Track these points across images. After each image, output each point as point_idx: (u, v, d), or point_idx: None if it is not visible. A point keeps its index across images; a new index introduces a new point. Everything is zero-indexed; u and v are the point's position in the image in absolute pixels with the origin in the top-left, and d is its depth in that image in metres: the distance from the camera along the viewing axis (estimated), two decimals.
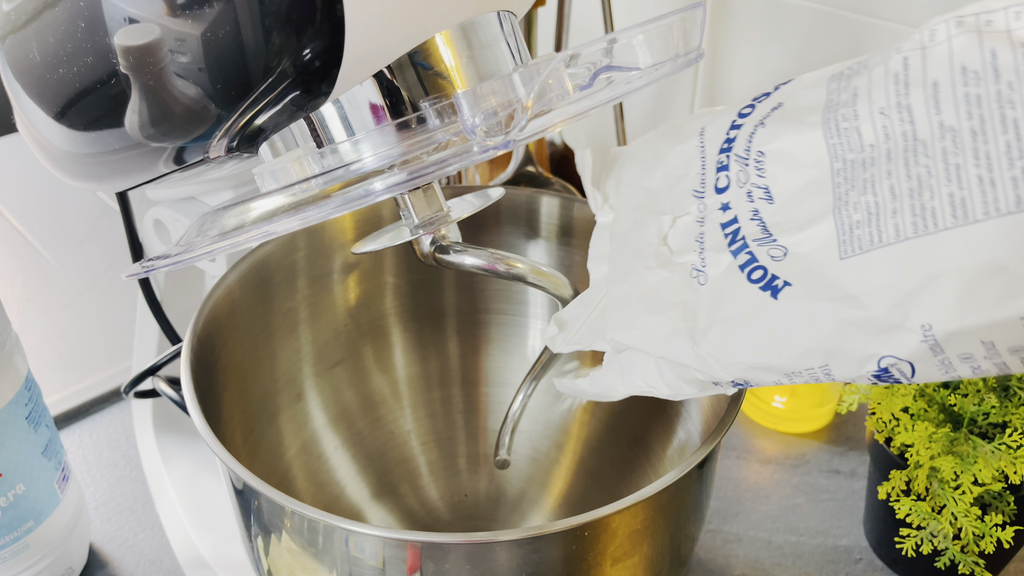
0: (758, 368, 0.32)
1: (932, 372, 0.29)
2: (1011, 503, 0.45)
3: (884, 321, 0.28)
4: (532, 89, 0.27)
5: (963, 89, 0.26)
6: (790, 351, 0.31)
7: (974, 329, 0.26)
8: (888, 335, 0.28)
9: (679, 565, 0.41)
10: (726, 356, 0.33)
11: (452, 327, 0.59)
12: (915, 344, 0.28)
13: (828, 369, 0.31)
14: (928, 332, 0.27)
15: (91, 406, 0.67)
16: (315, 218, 0.29)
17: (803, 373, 0.31)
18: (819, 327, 0.30)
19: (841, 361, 0.30)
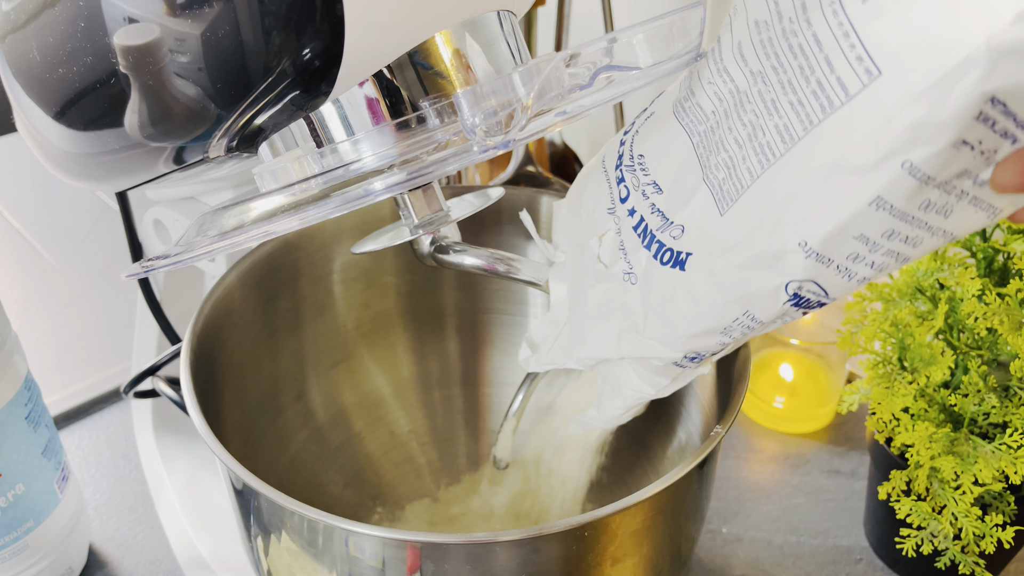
0: (695, 336, 0.35)
1: (837, 282, 0.31)
2: (1011, 503, 0.45)
3: (770, 253, 0.31)
4: (532, 89, 0.27)
5: (758, 37, 0.30)
6: (711, 311, 0.34)
7: (841, 230, 0.29)
8: (779, 263, 0.31)
9: (679, 565, 0.41)
10: (667, 336, 0.36)
11: (452, 327, 0.59)
12: (803, 262, 0.31)
13: (752, 314, 0.33)
14: (806, 247, 0.30)
15: (91, 406, 0.67)
16: (315, 218, 0.29)
17: (735, 328, 0.34)
18: (725, 280, 0.33)
19: (757, 303, 0.33)
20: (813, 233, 0.30)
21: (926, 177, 0.27)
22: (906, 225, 0.29)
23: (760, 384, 0.64)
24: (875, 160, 0.28)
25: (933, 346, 0.46)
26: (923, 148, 0.27)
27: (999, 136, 0.26)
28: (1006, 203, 0.29)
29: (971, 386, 0.45)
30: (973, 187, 0.28)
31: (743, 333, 0.35)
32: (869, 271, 0.31)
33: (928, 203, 0.28)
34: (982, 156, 0.27)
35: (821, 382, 0.63)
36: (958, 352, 0.46)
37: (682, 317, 0.36)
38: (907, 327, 0.47)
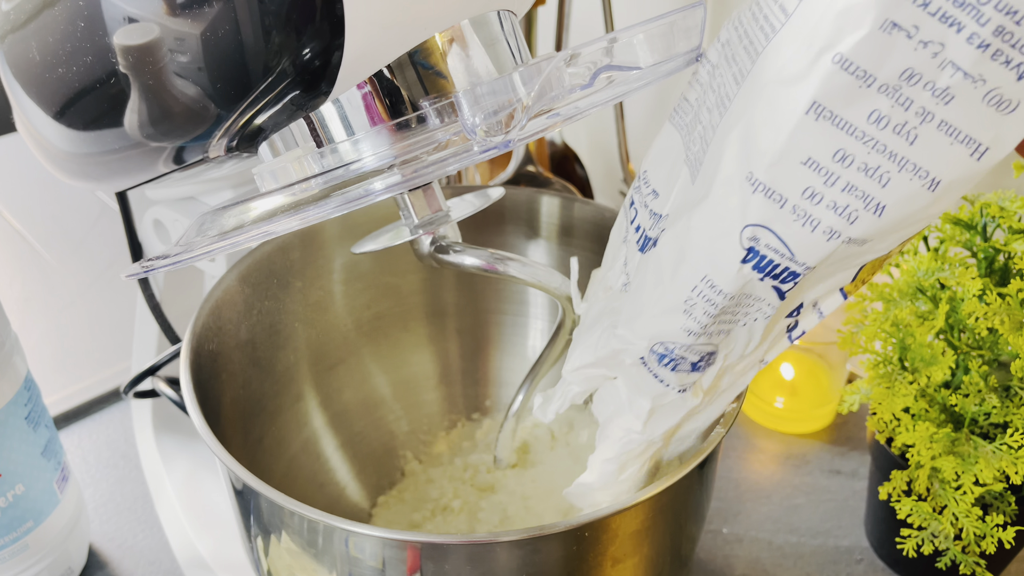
0: (658, 315, 0.34)
1: (799, 233, 0.29)
2: (1012, 503, 0.45)
3: (726, 201, 0.30)
4: (532, 89, 0.27)
5: (721, 49, 0.32)
6: (672, 280, 0.33)
7: (784, 151, 0.28)
8: (735, 209, 0.30)
9: (680, 566, 0.41)
10: (634, 320, 0.35)
11: (452, 327, 0.59)
12: (752, 200, 0.29)
13: (711, 280, 0.32)
14: (753, 180, 0.29)
15: (90, 406, 0.66)
16: (315, 218, 0.29)
17: (697, 302, 0.32)
18: (685, 241, 0.32)
19: (715, 263, 0.31)
20: (758, 161, 0.29)
21: (863, 73, 0.26)
22: (859, 145, 0.27)
23: (761, 384, 0.64)
24: (809, 62, 0.27)
25: (934, 346, 0.46)
26: (851, 35, 0.26)
27: (938, 20, 0.25)
28: (990, 137, 0.27)
29: (972, 386, 0.45)
30: (936, 104, 0.26)
31: (705, 313, 0.33)
32: (833, 217, 0.28)
33: (879, 116, 0.27)
34: (927, 51, 0.25)
35: (822, 382, 0.63)
36: (959, 352, 0.46)
37: (648, 295, 0.34)
38: (908, 327, 0.47)
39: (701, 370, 0.36)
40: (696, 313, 0.33)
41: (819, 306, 0.34)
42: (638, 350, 0.35)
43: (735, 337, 0.35)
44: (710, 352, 0.35)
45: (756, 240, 0.30)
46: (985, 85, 0.26)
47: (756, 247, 0.30)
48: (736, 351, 0.35)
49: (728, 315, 0.33)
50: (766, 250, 0.30)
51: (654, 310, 0.34)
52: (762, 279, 0.31)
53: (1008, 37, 0.25)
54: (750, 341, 0.35)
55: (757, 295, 0.32)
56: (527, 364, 0.57)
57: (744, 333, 0.35)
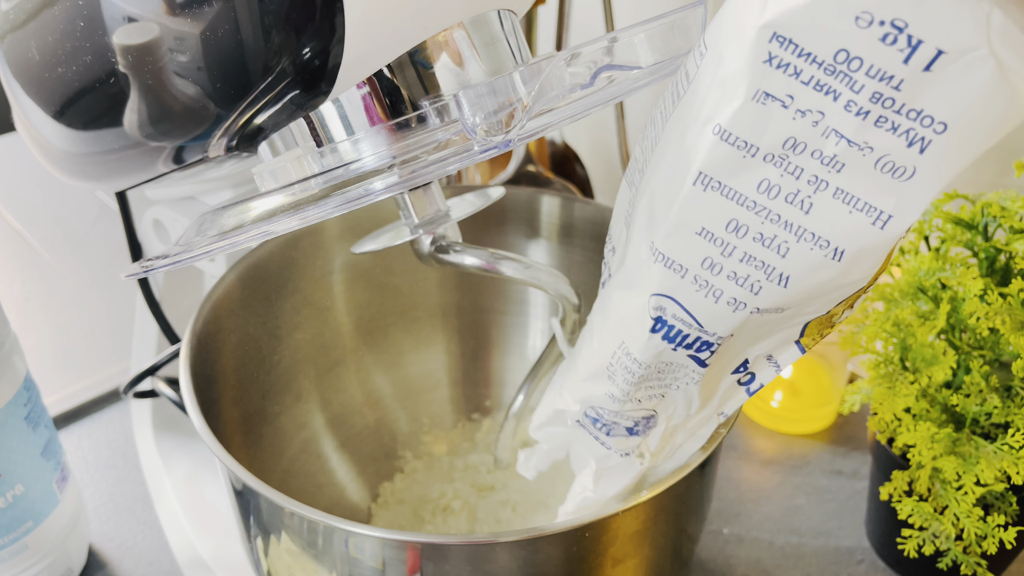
0: (587, 378, 0.34)
1: (702, 303, 0.28)
2: (1013, 504, 0.45)
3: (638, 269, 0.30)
4: (533, 88, 0.27)
5: (658, 108, 0.31)
6: (598, 342, 0.33)
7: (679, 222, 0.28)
8: (644, 278, 0.30)
9: (680, 566, 0.41)
10: (569, 379, 0.36)
11: (452, 327, 0.59)
12: (655, 269, 0.29)
13: (627, 348, 0.31)
14: (654, 249, 0.29)
15: (90, 406, 0.66)
16: (314, 218, 0.29)
17: (617, 368, 0.32)
18: (608, 304, 0.32)
19: (629, 329, 0.31)
20: (658, 230, 0.28)
21: (743, 143, 0.26)
22: (751, 215, 0.26)
23: None
24: (696, 132, 0.26)
25: (935, 346, 0.46)
26: (727, 105, 0.25)
27: (812, 89, 0.24)
28: (891, 205, 0.25)
29: (973, 386, 0.44)
30: (827, 172, 0.25)
31: (625, 380, 0.32)
32: (735, 287, 0.28)
33: (768, 185, 0.26)
34: (806, 120, 0.25)
35: (822, 382, 0.63)
36: (960, 352, 0.46)
37: (582, 357, 0.34)
38: (909, 327, 0.47)
39: (640, 434, 0.36)
40: (617, 380, 0.33)
41: (775, 359, 0.33)
42: (575, 412, 0.36)
43: (672, 400, 0.34)
44: (646, 416, 0.35)
45: (663, 310, 0.29)
46: (873, 152, 0.25)
47: (663, 316, 0.29)
48: (679, 412, 0.35)
49: (654, 381, 0.32)
50: (673, 320, 0.29)
51: (584, 373, 0.34)
52: (675, 349, 0.30)
53: (888, 103, 0.24)
54: (691, 403, 0.34)
55: (676, 363, 0.31)
56: (527, 364, 0.57)
57: (681, 396, 0.34)
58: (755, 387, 0.34)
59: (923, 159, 0.25)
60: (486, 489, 0.54)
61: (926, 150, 0.24)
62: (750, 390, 0.35)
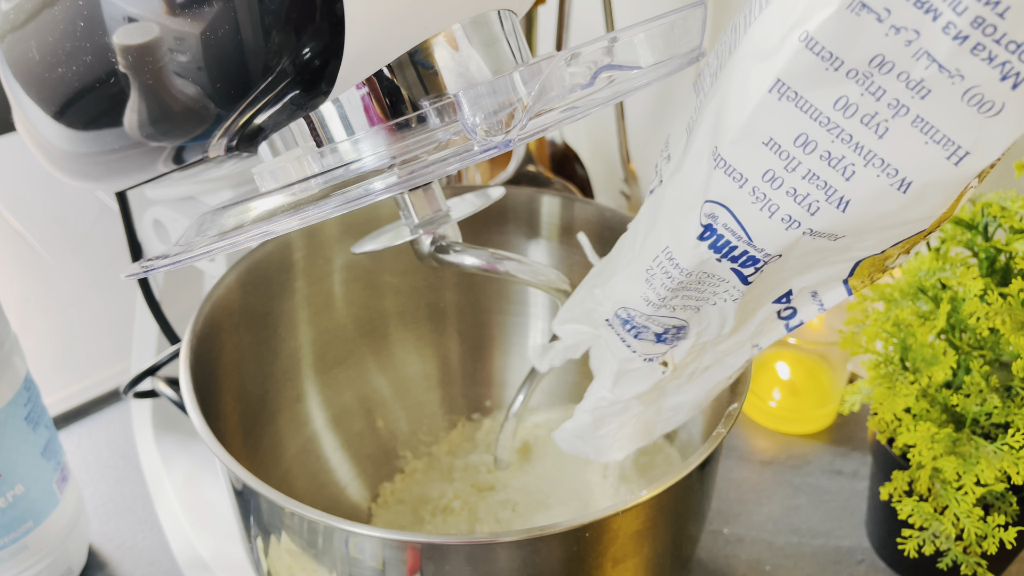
0: (625, 281, 0.33)
1: (756, 216, 0.27)
2: (1014, 504, 0.45)
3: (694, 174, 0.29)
4: (533, 88, 0.27)
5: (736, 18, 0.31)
6: (642, 250, 0.32)
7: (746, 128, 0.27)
8: (699, 183, 0.29)
9: (680, 566, 0.41)
10: (608, 284, 0.35)
11: (452, 327, 0.59)
12: (714, 176, 0.28)
13: (671, 254, 0.30)
14: (716, 155, 0.28)
15: (90, 406, 0.66)
16: (314, 218, 0.29)
17: (656, 272, 0.31)
18: (659, 210, 0.31)
19: (676, 235, 0.30)
20: (724, 136, 0.27)
21: (829, 55, 0.24)
22: (822, 132, 0.26)
23: (761, 384, 0.64)
24: (780, 38, 0.25)
25: (935, 346, 0.46)
26: (819, 12, 0.24)
27: (912, 5, 0.23)
28: (971, 141, 0.24)
29: (973, 386, 0.44)
30: (910, 97, 0.24)
31: (663, 285, 0.31)
32: (792, 204, 0.27)
33: (846, 103, 0.25)
34: (899, 37, 0.24)
35: (823, 382, 0.63)
36: (960, 352, 0.46)
37: (622, 259, 0.34)
38: (909, 327, 0.47)
39: (668, 343, 0.35)
40: (655, 284, 0.31)
41: (819, 297, 0.32)
42: (605, 312, 0.35)
43: (706, 315, 0.33)
44: (677, 326, 0.34)
45: (714, 218, 0.28)
46: (963, 82, 0.24)
47: (714, 225, 0.28)
48: (711, 330, 0.34)
49: (692, 291, 0.32)
50: (723, 230, 0.28)
51: (622, 274, 0.33)
52: (719, 260, 0.29)
53: (989, 30, 0.23)
54: (724, 322, 0.33)
55: (718, 275, 0.31)
56: (527, 364, 0.57)
57: (716, 313, 0.33)
58: (795, 323, 0.33)
59: (1014, 96, 0.23)
60: (486, 489, 0.54)
61: (1019, 86, 0.23)
62: (789, 325, 0.34)
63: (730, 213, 0.28)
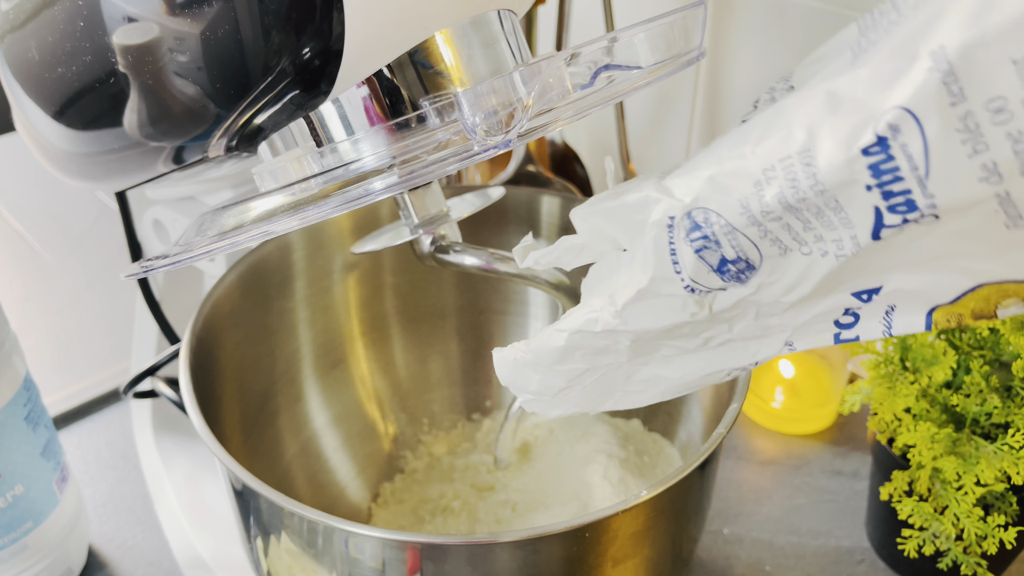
0: (722, 176, 0.26)
1: (950, 144, 0.22)
2: (1014, 504, 0.45)
3: (888, 65, 0.22)
4: (533, 88, 0.27)
5: None
6: (760, 144, 0.26)
7: (1001, 35, 0.20)
8: (891, 82, 0.22)
9: (680, 566, 0.41)
10: (690, 173, 0.28)
11: (452, 327, 0.59)
12: (921, 78, 0.21)
13: (811, 157, 0.24)
14: (939, 56, 0.21)
15: (90, 407, 0.66)
16: (314, 218, 0.29)
17: (779, 175, 0.25)
18: (806, 103, 0.25)
19: (830, 137, 0.24)
20: (959, 34, 0.21)
21: None
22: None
23: (761, 384, 0.64)
24: None
25: (935, 346, 0.46)
26: None
27: None
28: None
29: (973, 386, 0.44)
30: None
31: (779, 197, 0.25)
32: (1008, 151, 0.22)
33: None
34: None
35: (823, 382, 0.63)
36: (960, 352, 0.46)
37: (720, 151, 0.28)
38: None
39: (725, 278, 0.28)
40: (769, 191, 0.25)
41: (891, 315, 0.27)
42: (674, 205, 0.28)
43: (789, 264, 0.27)
44: (749, 262, 0.27)
45: (895, 131, 0.22)
46: None
47: (889, 141, 0.22)
48: (778, 287, 0.28)
49: (799, 222, 0.26)
50: (898, 151, 0.22)
51: (719, 167, 0.26)
52: (869, 188, 0.23)
53: None
54: (801, 283, 0.27)
55: (847, 213, 0.25)
56: None
57: (800, 266, 0.27)
58: (848, 335, 0.28)
59: None
60: (486, 489, 0.54)
61: None
62: (840, 336, 0.29)
63: (920, 133, 0.22)
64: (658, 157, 0.75)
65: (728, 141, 0.27)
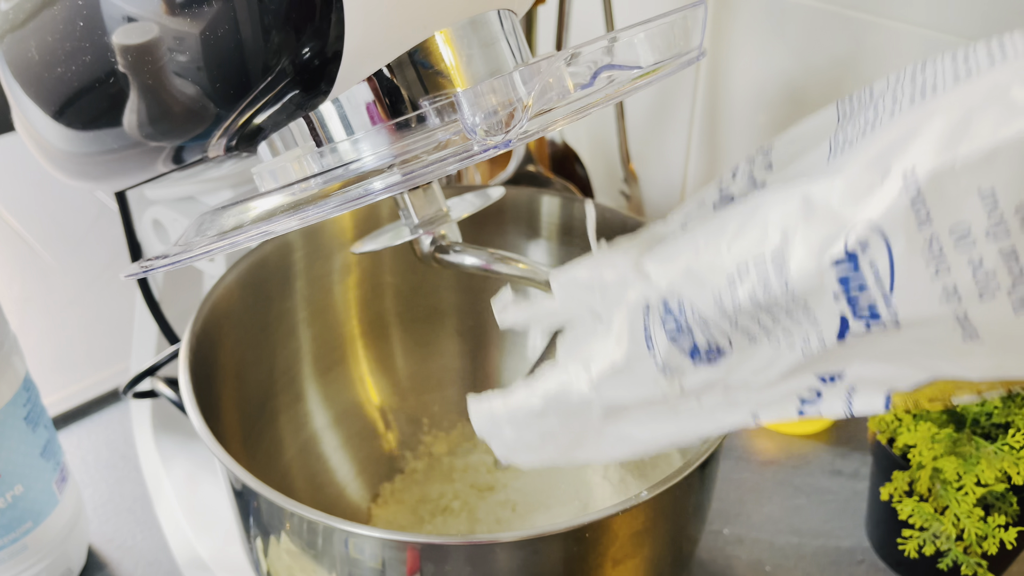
0: (698, 270, 0.27)
1: (915, 265, 0.23)
2: (1014, 504, 0.45)
3: (862, 180, 0.24)
4: (533, 88, 0.27)
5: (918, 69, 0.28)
6: (736, 241, 0.26)
7: (969, 166, 0.22)
8: (864, 196, 0.23)
9: (680, 567, 0.41)
10: (667, 262, 0.29)
11: (452, 327, 0.59)
12: (892, 198, 0.22)
13: (783, 260, 0.25)
14: (910, 177, 0.22)
15: (90, 407, 0.66)
16: (314, 218, 0.29)
17: (752, 274, 0.26)
18: (781, 205, 0.26)
19: (802, 245, 0.25)
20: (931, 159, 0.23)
21: None
22: None
23: None
24: None
25: None
26: None
27: None
28: None
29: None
30: None
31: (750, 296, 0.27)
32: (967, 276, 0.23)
33: None
34: None
35: None
36: None
37: (698, 242, 0.29)
38: None
39: (696, 362, 0.29)
40: (742, 288, 0.26)
41: (852, 397, 0.28)
42: (649, 293, 0.29)
43: (755, 353, 0.29)
44: (718, 349, 0.29)
45: (864, 247, 0.23)
46: None
47: (859, 256, 0.23)
48: (744, 371, 0.29)
49: (768, 318, 0.27)
50: (866, 266, 0.23)
51: (695, 260, 0.28)
52: (837, 296, 0.25)
53: None
54: (768, 368, 0.29)
55: (815, 314, 0.26)
56: (527, 364, 0.57)
57: (766, 355, 0.28)
58: (810, 411, 0.29)
59: None
60: (486, 489, 0.54)
61: None
62: (802, 411, 0.29)
63: (887, 250, 0.23)
64: (658, 157, 0.75)
65: (706, 230, 0.28)
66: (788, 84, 0.63)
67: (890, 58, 0.57)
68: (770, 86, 0.64)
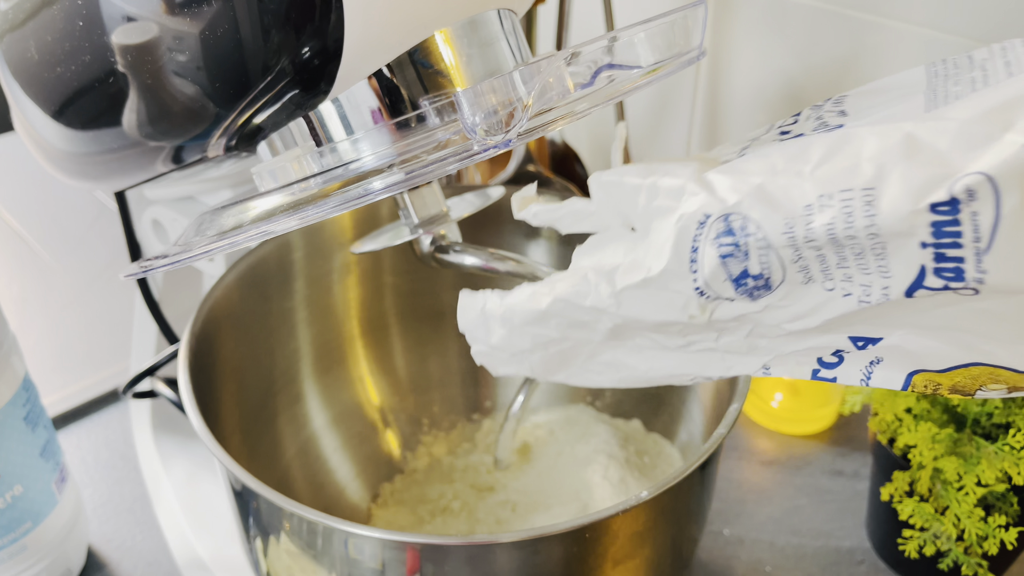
0: (770, 190, 0.25)
1: (1022, 229, 0.20)
2: (1015, 504, 0.45)
3: (976, 127, 0.21)
4: (533, 88, 0.27)
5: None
6: (821, 168, 0.24)
7: None
8: (981, 142, 0.21)
9: (680, 567, 0.41)
10: (735, 175, 0.26)
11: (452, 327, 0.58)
12: (1013, 151, 0.20)
13: (874, 197, 0.22)
14: None
15: (89, 407, 0.66)
16: (314, 217, 0.29)
17: (834, 205, 0.23)
18: (879, 140, 0.23)
19: (900, 186, 0.22)
20: None
21: None
22: None
23: (762, 384, 0.64)
24: None
25: None
26: None
27: None
28: None
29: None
30: None
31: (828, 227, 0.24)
32: None
33: None
34: None
35: (823, 383, 0.62)
36: None
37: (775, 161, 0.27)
38: None
39: (738, 291, 0.27)
40: (819, 218, 0.23)
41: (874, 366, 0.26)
42: (712, 204, 0.26)
43: (803, 295, 0.26)
44: (768, 281, 0.26)
45: (971, 196, 0.21)
46: None
47: (962, 205, 0.21)
48: (782, 314, 0.27)
49: (836, 257, 0.24)
50: (967, 218, 0.21)
51: (771, 178, 0.25)
52: (926, 245, 0.22)
53: None
54: (807, 316, 0.26)
55: (888, 264, 0.23)
56: None
57: (816, 299, 0.26)
58: (824, 375, 0.28)
59: None
60: (486, 490, 0.54)
61: None
62: (819, 373, 0.28)
63: (996, 205, 0.20)
64: (658, 156, 0.75)
65: (782, 151, 0.25)
66: (788, 84, 0.63)
67: (890, 58, 0.57)
68: (770, 86, 0.64)
